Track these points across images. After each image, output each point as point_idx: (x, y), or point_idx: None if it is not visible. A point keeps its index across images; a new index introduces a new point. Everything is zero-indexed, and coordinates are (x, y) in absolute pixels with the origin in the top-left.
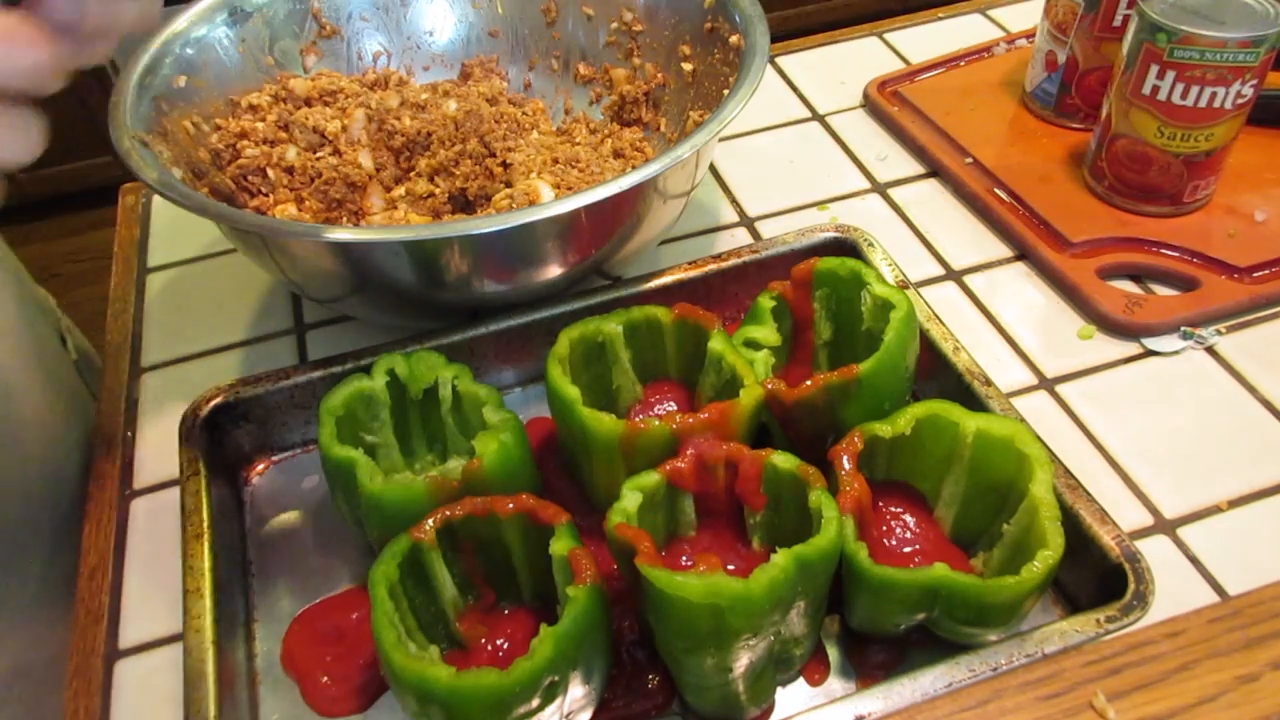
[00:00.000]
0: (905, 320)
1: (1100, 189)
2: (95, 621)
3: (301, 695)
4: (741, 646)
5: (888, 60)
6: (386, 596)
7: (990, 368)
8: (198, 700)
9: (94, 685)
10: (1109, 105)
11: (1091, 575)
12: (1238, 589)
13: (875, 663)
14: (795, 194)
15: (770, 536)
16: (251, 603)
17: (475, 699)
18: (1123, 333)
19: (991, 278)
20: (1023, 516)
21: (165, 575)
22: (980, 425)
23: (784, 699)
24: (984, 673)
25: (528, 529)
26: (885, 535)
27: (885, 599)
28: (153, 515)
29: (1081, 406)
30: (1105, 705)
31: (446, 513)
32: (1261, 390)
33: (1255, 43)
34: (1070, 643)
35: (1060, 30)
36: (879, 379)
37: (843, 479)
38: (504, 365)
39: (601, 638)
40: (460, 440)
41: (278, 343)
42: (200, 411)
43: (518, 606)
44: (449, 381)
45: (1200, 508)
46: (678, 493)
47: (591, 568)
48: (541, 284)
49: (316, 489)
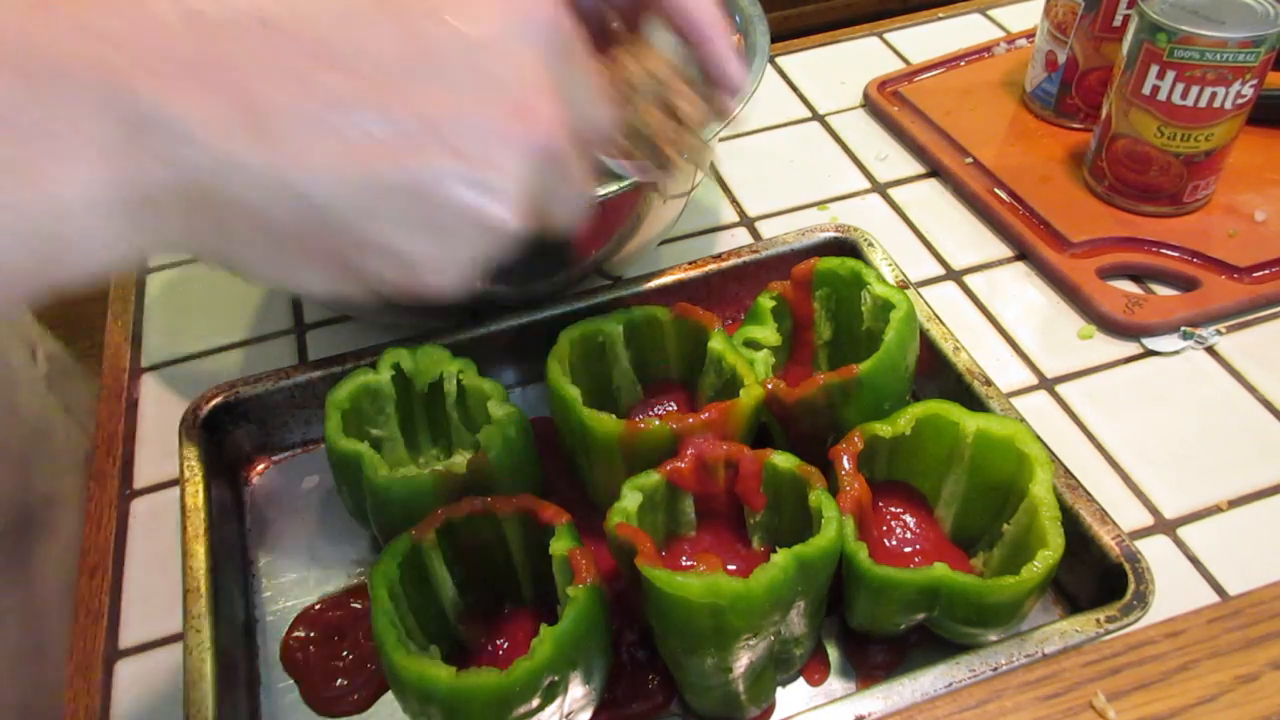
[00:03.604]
0: (905, 320)
1: (1100, 189)
2: (95, 621)
3: (301, 695)
4: (741, 646)
5: (888, 60)
6: (386, 596)
7: (990, 368)
8: (198, 700)
9: (94, 685)
10: (1109, 105)
11: (1091, 575)
12: (1238, 589)
13: (875, 663)
14: (795, 194)
15: (770, 536)
16: (251, 603)
17: (475, 699)
18: (1123, 333)
19: (991, 278)
20: (1023, 516)
21: (165, 575)
22: (980, 425)
23: (784, 699)
24: (984, 673)
25: (528, 529)
26: (885, 535)
27: (885, 599)
28: (153, 515)
29: (1081, 406)
30: (1105, 705)
31: (446, 513)
32: (1261, 390)
33: (1255, 43)
34: (1070, 643)
35: (1060, 30)
36: (879, 379)
37: (843, 479)
38: (504, 365)
39: (601, 638)
40: (465, 434)
41: (278, 342)
42: (200, 411)
43: (518, 606)
44: (454, 375)
45: (1200, 508)
46: (678, 493)
47: (591, 568)
48: (542, 284)
49: (316, 489)
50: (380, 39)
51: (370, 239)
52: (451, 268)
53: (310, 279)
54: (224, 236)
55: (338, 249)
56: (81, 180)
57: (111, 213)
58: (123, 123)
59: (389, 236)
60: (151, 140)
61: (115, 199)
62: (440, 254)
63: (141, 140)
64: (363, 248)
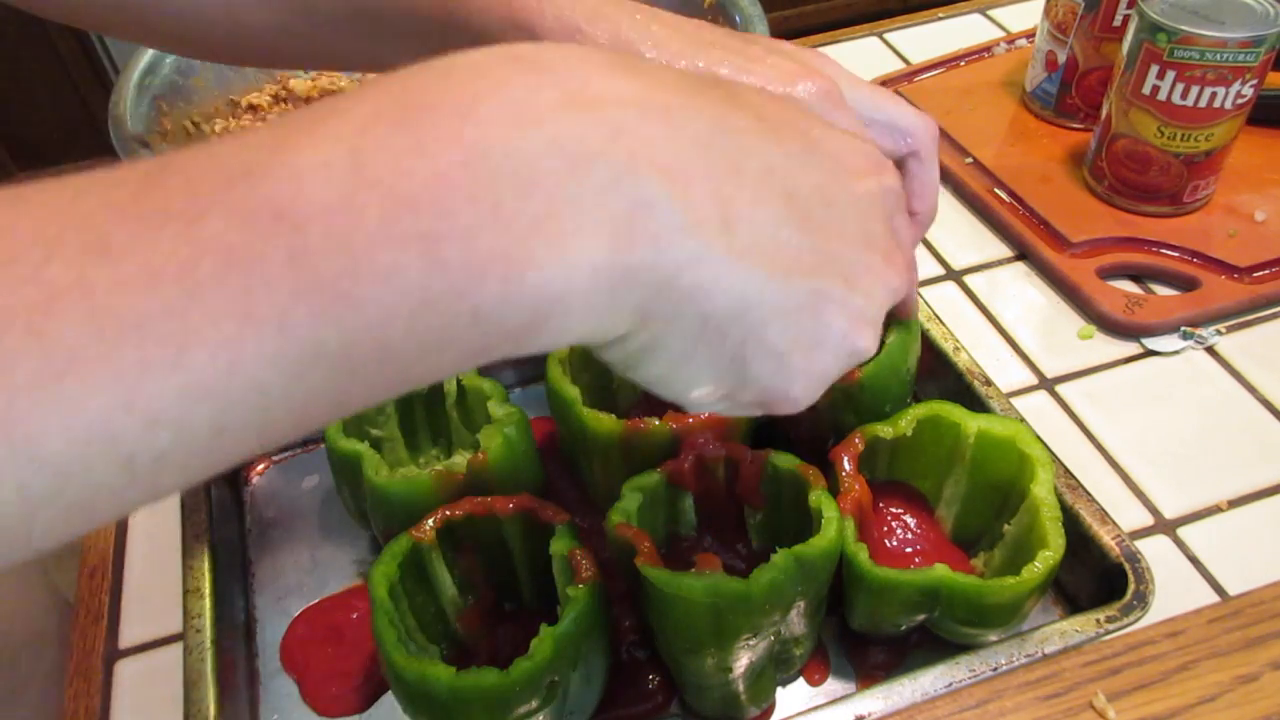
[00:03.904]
0: (907, 323)
1: (1100, 189)
2: (95, 621)
3: (301, 695)
4: (741, 646)
5: (888, 60)
6: (386, 596)
7: (990, 368)
8: (198, 700)
9: (94, 685)
10: (1109, 105)
11: (1091, 575)
12: (1238, 589)
13: (875, 663)
14: None
15: (770, 536)
16: (251, 603)
17: (475, 699)
18: (1123, 333)
19: (991, 278)
20: (1023, 517)
21: (165, 575)
22: (981, 426)
23: (784, 699)
24: (984, 673)
25: (528, 529)
26: (886, 536)
27: (886, 600)
28: (153, 515)
29: (1082, 406)
30: (1105, 705)
31: (446, 512)
32: (1261, 390)
33: (1255, 43)
34: (1070, 643)
35: (1060, 30)
36: (880, 381)
37: (844, 480)
38: (504, 365)
39: (601, 638)
40: (465, 434)
41: None
42: None
43: (518, 606)
44: (454, 375)
45: (1200, 508)
46: (678, 492)
47: (592, 568)
48: None
49: (316, 489)
50: (805, 179)
51: (769, 340)
52: (814, 382)
53: (699, 379)
54: (657, 327)
55: (738, 349)
56: (590, 249)
57: (597, 288)
58: (632, 204)
59: (780, 341)
60: (649, 224)
61: (605, 273)
62: (809, 367)
63: (641, 223)
64: (758, 349)
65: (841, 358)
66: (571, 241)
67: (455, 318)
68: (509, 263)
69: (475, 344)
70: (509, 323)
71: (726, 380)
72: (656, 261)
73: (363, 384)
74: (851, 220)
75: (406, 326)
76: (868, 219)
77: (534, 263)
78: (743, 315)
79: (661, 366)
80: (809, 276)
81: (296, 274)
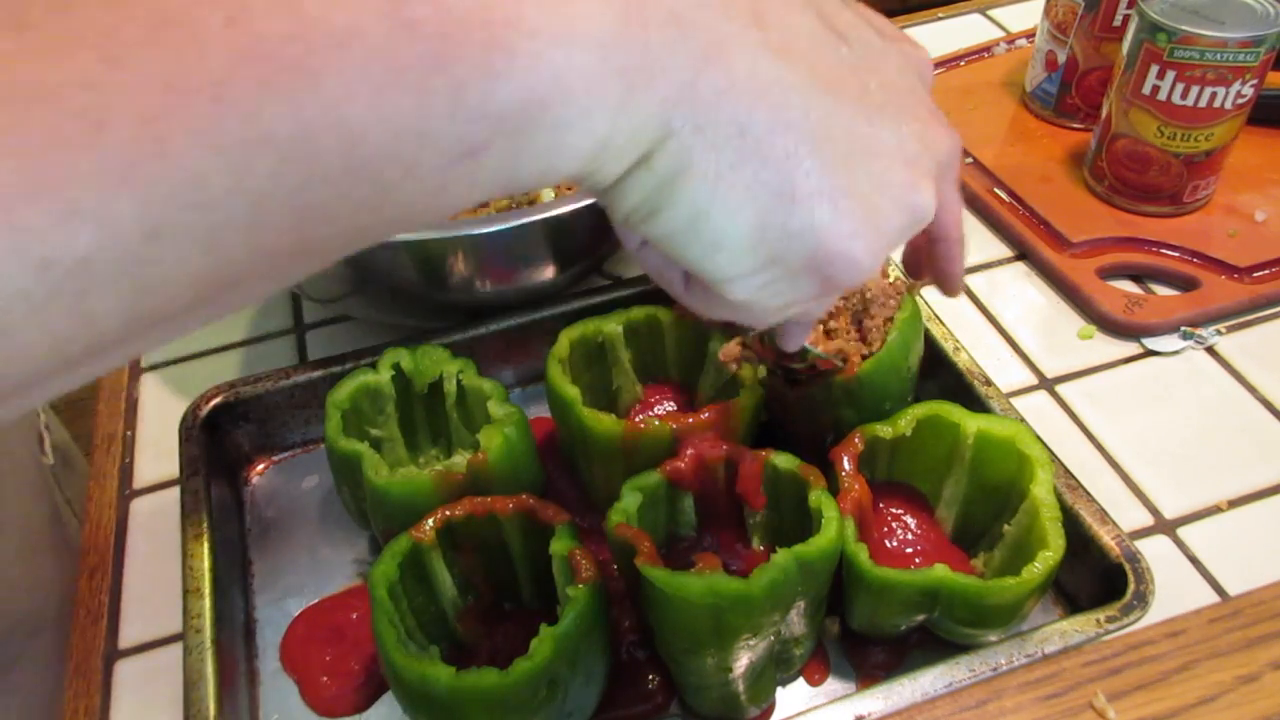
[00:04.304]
0: (908, 321)
1: (1100, 189)
2: (95, 621)
3: (301, 695)
4: (741, 646)
5: None
6: (386, 596)
7: (990, 368)
8: (198, 700)
9: (94, 685)
10: (1109, 105)
11: (1091, 575)
12: (1238, 589)
13: (875, 663)
14: None
15: (770, 536)
16: (251, 603)
17: (475, 699)
18: (1123, 333)
19: (991, 278)
20: (1023, 517)
21: (165, 575)
22: (981, 426)
23: (784, 699)
24: (984, 673)
25: (528, 529)
26: (886, 536)
27: (885, 600)
28: (153, 515)
29: (1082, 406)
30: (1105, 705)
31: (446, 512)
32: (1261, 390)
33: (1255, 43)
34: (1070, 643)
35: (1060, 30)
36: (880, 379)
37: (843, 480)
38: (504, 365)
39: (601, 638)
40: (465, 434)
41: (278, 342)
42: (200, 411)
43: (518, 606)
44: (454, 376)
45: (1200, 508)
46: (678, 492)
47: (592, 568)
48: (542, 284)
49: (316, 489)
50: (840, 17)
51: (818, 169)
52: (876, 238)
53: (737, 228)
54: (685, 139)
55: (784, 176)
56: (594, 13)
57: (606, 68)
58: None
59: (833, 172)
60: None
61: (615, 50)
62: (868, 216)
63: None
64: (807, 179)
65: (903, 210)
66: (571, 4)
67: (430, 96)
68: (492, 24)
69: (459, 140)
70: (495, 106)
71: (772, 224)
72: (677, 42)
73: (326, 194)
74: (892, 64)
75: (370, 107)
76: (904, 71)
77: (525, 24)
78: (787, 126)
79: (689, 209)
80: (857, 101)
81: (234, 35)
